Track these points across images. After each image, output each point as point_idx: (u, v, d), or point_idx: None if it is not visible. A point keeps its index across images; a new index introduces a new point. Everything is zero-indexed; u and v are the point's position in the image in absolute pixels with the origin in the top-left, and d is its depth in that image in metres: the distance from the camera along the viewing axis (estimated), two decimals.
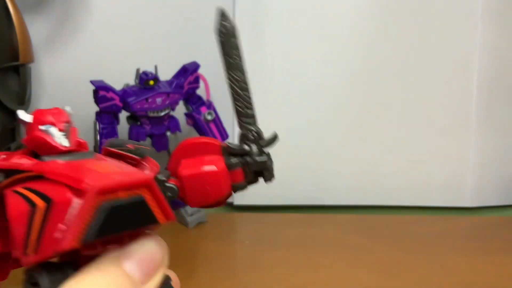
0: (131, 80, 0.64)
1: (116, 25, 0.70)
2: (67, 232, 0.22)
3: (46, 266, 0.24)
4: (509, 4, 0.72)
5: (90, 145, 0.62)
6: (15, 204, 0.23)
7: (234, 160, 0.30)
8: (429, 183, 0.75)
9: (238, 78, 0.30)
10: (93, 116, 0.63)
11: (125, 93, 0.62)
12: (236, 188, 0.31)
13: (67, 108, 0.28)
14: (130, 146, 0.30)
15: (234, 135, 0.73)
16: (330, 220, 0.70)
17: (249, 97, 0.31)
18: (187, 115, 0.67)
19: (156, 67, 0.64)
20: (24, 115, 0.27)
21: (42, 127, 0.26)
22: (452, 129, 0.74)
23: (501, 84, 0.74)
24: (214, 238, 0.63)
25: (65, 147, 0.26)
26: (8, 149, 0.62)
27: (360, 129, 0.74)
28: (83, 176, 0.23)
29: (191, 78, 0.65)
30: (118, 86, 0.63)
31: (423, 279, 0.51)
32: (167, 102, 0.63)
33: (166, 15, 0.71)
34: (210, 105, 0.67)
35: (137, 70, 0.63)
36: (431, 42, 0.73)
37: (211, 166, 0.30)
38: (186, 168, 0.30)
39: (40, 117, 0.27)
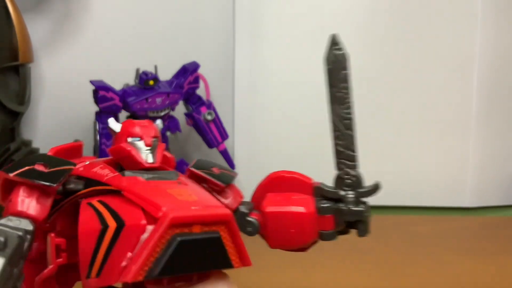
0: (131, 80, 0.64)
1: (116, 25, 0.70)
2: (133, 263, 0.20)
3: None
4: (509, 4, 0.72)
5: (90, 145, 0.63)
6: (87, 220, 0.22)
7: (326, 204, 0.27)
8: (429, 183, 0.75)
9: (343, 114, 0.27)
10: (93, 116, 0.62)
11: (125, 93, 0.62)
12: (324, 236, 0.27)
13: (158, 122, 0.27)
14: (215, 170, 0.27)
15: (234, 135, 0.73)
16: None
17: (354, 138, 0.27)
18: (187, 115, 0.67)
19: (156, 67, 0.64)
20: (113, 124, 0.26)
21: (129, 139, 0.25)
22: (452, 129, 0.74)
23: (501, 84, 0.74)
24: None
25: (150, 163, 0.25)
26: (8, 149, 0.61)
27: (360, 129, 0.74)
28: (161, 202, 0.21)
29: (191, 78, 0.65)
30: (118, 86, 0.63)
31: (423, 279, 0.51)
32: (167, 102, 0.63)
33: (166, 15, 0.71)
34: (210, 105, 0.67)
35: (137, 70, 0.63)
36: (431, 42, 0.73)
37: (299, 207, 0.27)
38: (271, 204, 0.27)
39: (129, 128, 0.26)
